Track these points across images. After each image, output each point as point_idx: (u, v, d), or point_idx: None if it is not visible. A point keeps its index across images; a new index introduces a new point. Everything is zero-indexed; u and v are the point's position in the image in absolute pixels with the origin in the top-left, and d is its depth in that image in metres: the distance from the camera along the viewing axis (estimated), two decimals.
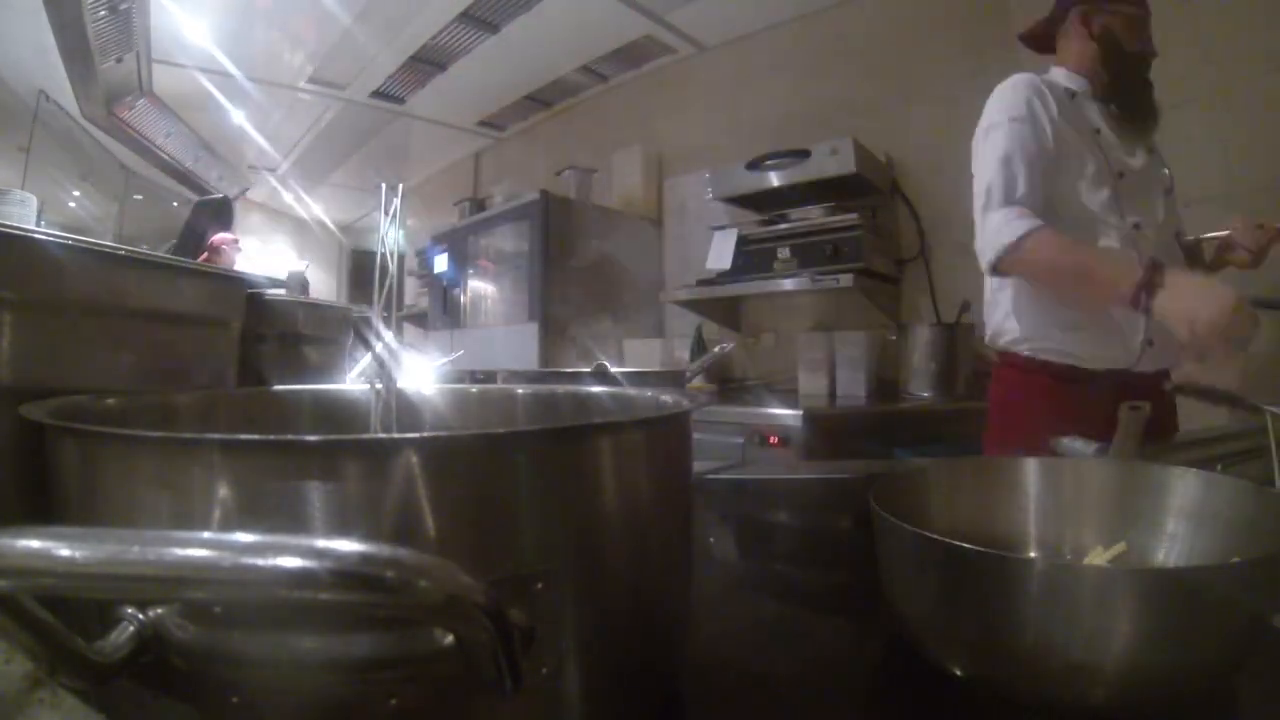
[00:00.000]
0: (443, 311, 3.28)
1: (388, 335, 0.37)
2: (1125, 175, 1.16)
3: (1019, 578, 0.31)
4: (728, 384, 2.64)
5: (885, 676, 0.38)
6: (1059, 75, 1.22)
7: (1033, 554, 0.45)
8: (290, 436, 0.21)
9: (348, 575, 0.16)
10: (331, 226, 5.70)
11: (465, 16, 2.71)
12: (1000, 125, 1.13)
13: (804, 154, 2.20)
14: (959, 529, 0.37)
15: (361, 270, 5.73)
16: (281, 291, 0.71)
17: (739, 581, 0.51)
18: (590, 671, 0.25)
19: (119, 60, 2.88)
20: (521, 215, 2.79)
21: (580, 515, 0.26)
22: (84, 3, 2.37)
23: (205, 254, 3.10)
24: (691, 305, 2.68)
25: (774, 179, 2.31)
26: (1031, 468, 0.48)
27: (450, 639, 0.20)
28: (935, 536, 0.33)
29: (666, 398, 0.40)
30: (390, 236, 0.38)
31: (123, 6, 2.48)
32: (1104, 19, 1.18)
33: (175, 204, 4.05)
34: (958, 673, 0.34)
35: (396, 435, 0.35)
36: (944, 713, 0.34)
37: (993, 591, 0.32)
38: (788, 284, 2.20)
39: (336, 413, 0.45)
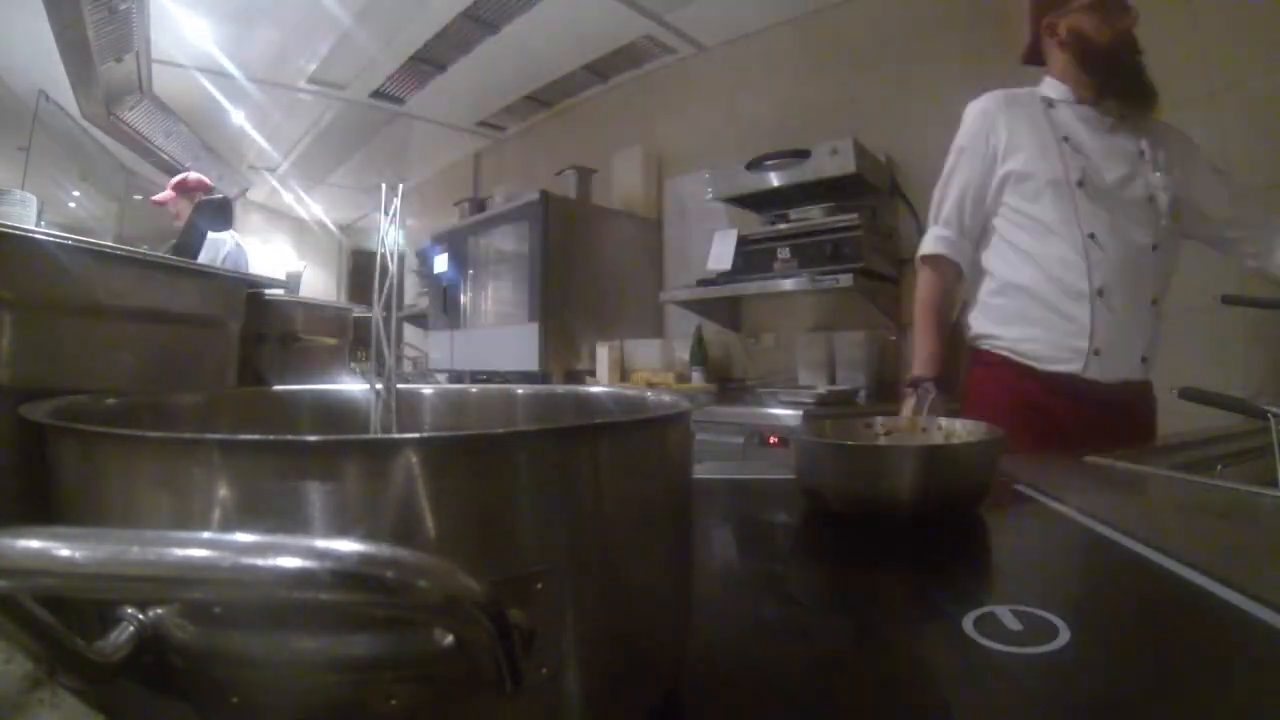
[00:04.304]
0: (443, 311, 3.28)
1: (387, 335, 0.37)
2: (1085, 184, 1.18)
3: (860, 454, 0.68)
4: (728, 384, 2.63)
5: (807, 531, 0.67)
6: (1047, 85, 1.27)
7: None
8: (290, 436, 0.21)
9: (348, 575, 0.16)
10: (331, 226, 5.71)
11: (465, 16, 2.71)
12: (953, 150, 1.29)
13: (804, 154, 2.20)
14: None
15: (361, 270, 5.73)
16: (281, 291, 0.72)
17: (739, 581, 0.51)
18: (590, 671, 0.25)
19: (119, 60, 2.88)
20: (521, 215, 2.79)
21: (580, 515, 0.26)
22: (84, 3, 2.37)
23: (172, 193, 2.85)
24: (691, 305, 2.68)
25: (774, 179, 2.31)
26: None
27: (450, 639, 0.20)
28: (827, 441, 0.74)
29: (666, 397, 0.40)
30: (390, 236, 0.37)
31: (123, 6, 2.48)
32: (1067, 22, 1.21)
33: None
34: (839, 509, 0.65)
35: (396, 435, 0.35)
36: (838, 529, 0.64)
37: (848, 464, 0.65)
38: (787, 284, 2.20)
39: (336, 413, 0.45)
